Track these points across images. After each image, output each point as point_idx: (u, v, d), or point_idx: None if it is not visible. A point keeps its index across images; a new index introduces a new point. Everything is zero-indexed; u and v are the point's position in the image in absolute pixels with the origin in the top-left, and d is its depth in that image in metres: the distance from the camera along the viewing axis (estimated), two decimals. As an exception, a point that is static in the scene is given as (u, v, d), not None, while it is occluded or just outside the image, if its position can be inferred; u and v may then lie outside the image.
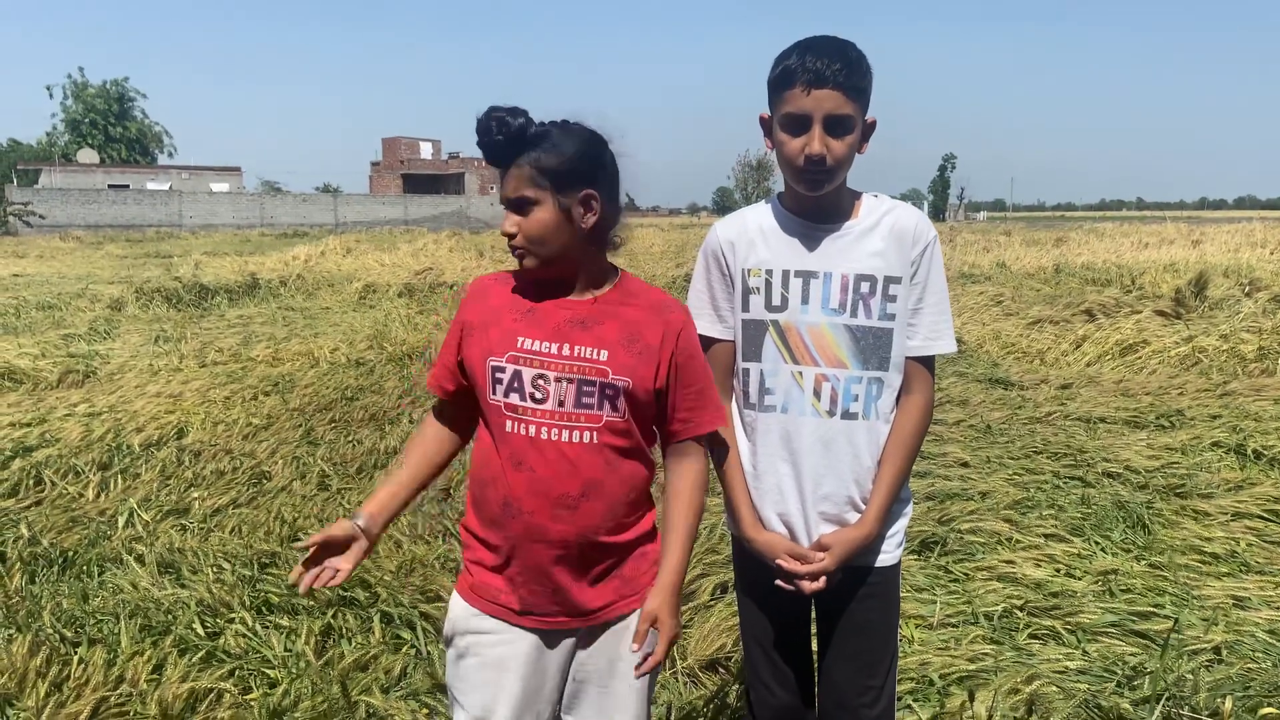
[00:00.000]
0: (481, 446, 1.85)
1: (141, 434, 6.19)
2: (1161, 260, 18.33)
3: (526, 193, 1.75)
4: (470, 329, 1.84)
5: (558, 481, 1.75)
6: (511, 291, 1.85)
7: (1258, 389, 7.50)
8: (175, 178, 63.54)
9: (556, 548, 1.77)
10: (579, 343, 1.76)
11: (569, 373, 1.75)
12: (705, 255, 2.05)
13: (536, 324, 1.78)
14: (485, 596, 1.84)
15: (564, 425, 1.75)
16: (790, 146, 1.84)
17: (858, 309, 1.90)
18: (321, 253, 23.57)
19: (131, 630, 3.44)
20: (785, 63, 1.83)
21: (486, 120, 1.74)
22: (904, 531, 2.03)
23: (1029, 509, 4.78)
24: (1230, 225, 29.57)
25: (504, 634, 1.82)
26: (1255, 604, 3.73)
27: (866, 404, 1.93)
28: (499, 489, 1.78)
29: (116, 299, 13.55)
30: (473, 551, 1.86)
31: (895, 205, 1.97)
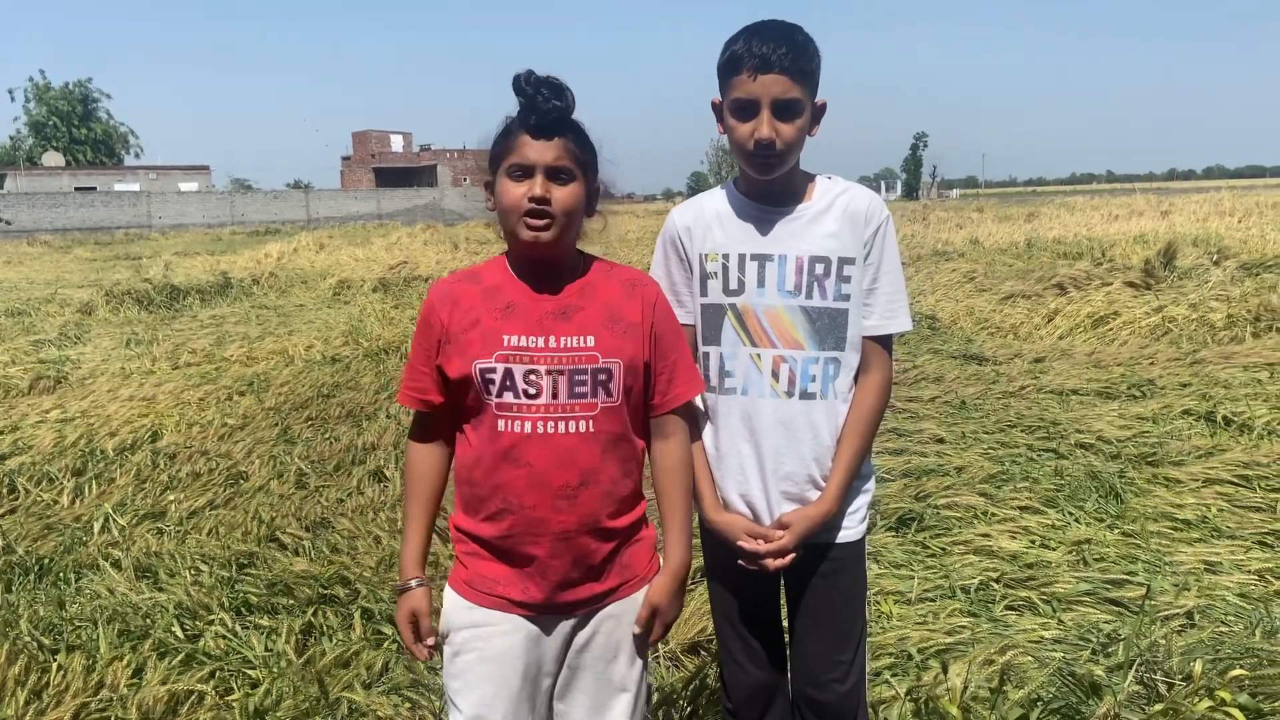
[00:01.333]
0: (468, 448, 1.83)
1: (115, 438, 6.14)
2: (1131, 232, 18.49)
3: (569, 164, 1.76)
4: (449, 336, 1.79)
5: (557, 473, 1.75)
6: (482, 291, 1.81)
7: (1227, 356, 7.60)
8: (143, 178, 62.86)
9: (558, 538, 1.77)
10: (563, 333, 1.76)
11: (559, 364, 1.74)
12: (663, 241, 2.07)
13: (518, 320, 1.77)
14: (483, 589, 1.83)
15: (559, 417, 1.75)
16: (740, 131, 1.87)
17: (813, 290, 1.92)
18: (294, 249, 23.40)
19: (110, 635, 3.42)
20: (733, 48, 1.85)
21: (537, 85, 1.73)
22: (866, 508, 2.05)
23: (1004, 482, 4.83)
24: (1199, 195, 29.87)
25: (502, 625, 1.82)
26: (1226, 568, 3.79)
27: (824, 384, 1.95)
28: (495, 487, 1.77)
29: (86, 303, 13.40)
30: (466, 545, 1.85)
31: (849, 187, 1.99)
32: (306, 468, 5.51)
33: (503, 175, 1.76)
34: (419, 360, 1.84)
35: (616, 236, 24.76)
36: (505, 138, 1.77)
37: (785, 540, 1.93)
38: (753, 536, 1.96)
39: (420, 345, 1.84)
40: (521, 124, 1.75)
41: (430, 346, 1.82)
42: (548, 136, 1.73)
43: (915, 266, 14.36)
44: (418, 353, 1.85)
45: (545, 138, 1.73)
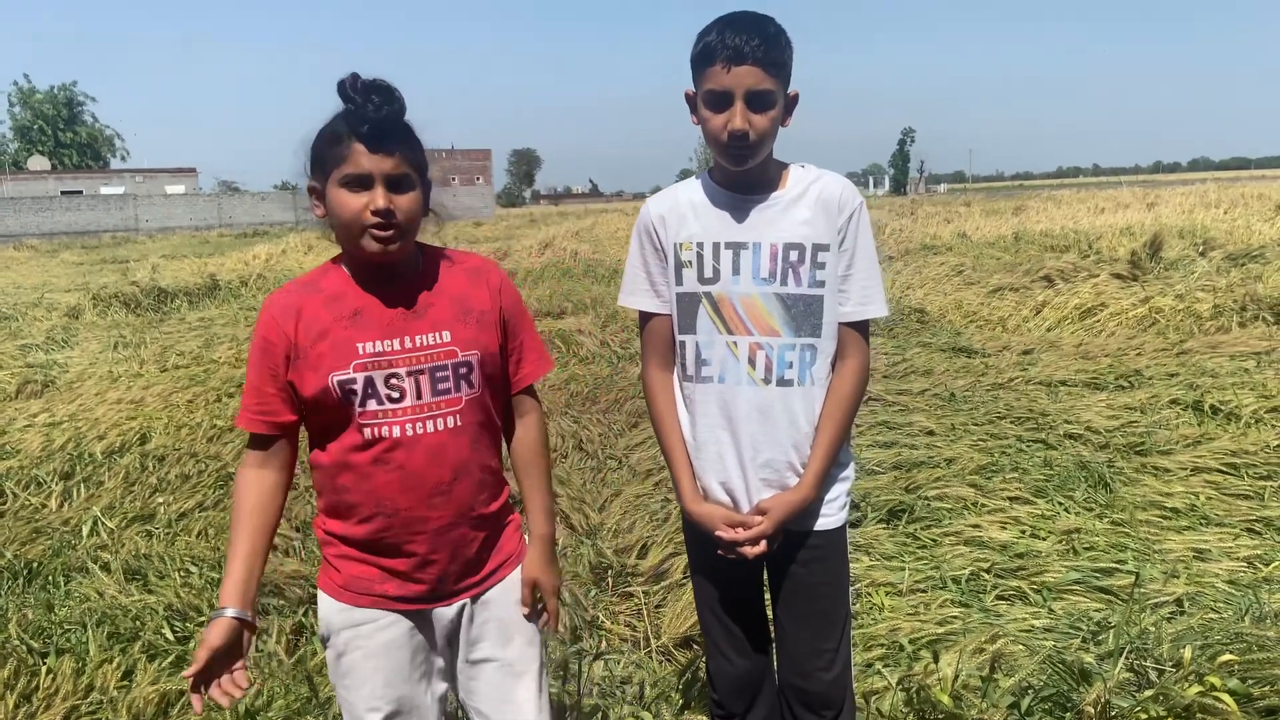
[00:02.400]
0: (328, 459, 1.77)
1: (103, 441, 6.11)
2: (1118, 224, 18.54)
3: (408, 171, 1.71)
4: (299, 351, 1.72)
5: (430, 472, 1.75)
6: (324, 300, 1.75)
7: (1213, 346, 7.64)
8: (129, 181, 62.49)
9: (437, 533, 1.78)
10: (417, 332, 1.75)
11: (418, 364, 1.73)
12: (638, 232, 2.08)
13: (369, 326, 1.73)
14: (358, 590, 1.80)
15: (426, 417, 1.74)
16: (714, 123, 1.88)
17: (787, 277, 1.93)
18: (283, 251, 23.33)
19: (100, 638, 3.41)
20: (706, 39, 1.86)
21: (367, 91, 1.64)
22: (845, 495, 2.05)
23: (994, 473, 4.84)
24: (1184, 187, 29.96)
25: (381, 620, 1.80)
26: (1215, 555, 3.81)
27: (801, 370, 1.96)
28: (366, 493, 1.75)
29: (73, 306, 13.33)
30: (337, 549, 1.82)
31: (822, 174, 2.00)
32: (296, 468, 5.48)
33: (336, 185, 1.68)
34: (262, 380, 1.75)
35: (607, 234, 24.75)
36: (334, 145, 1.68)
37: (763, 526, 1.94)
38: (731, 525, 1.97)
39: (263, 364, 1.74)
40: (353, 132, 1.65)
41: (276, 364, 1.73)
42: (384, 146, 1.66)
43: (904, 260, 14.39)
44: (260, 373, 1.75)
45: (381, 148, 1.66)
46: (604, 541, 4.17)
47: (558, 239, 21.29)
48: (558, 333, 9.29)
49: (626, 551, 4.05)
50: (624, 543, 4.14)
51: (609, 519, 4.47)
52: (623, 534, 4.26)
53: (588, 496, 4.78)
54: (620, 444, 5.79)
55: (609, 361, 8.44)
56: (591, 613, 3.58)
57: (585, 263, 17.52)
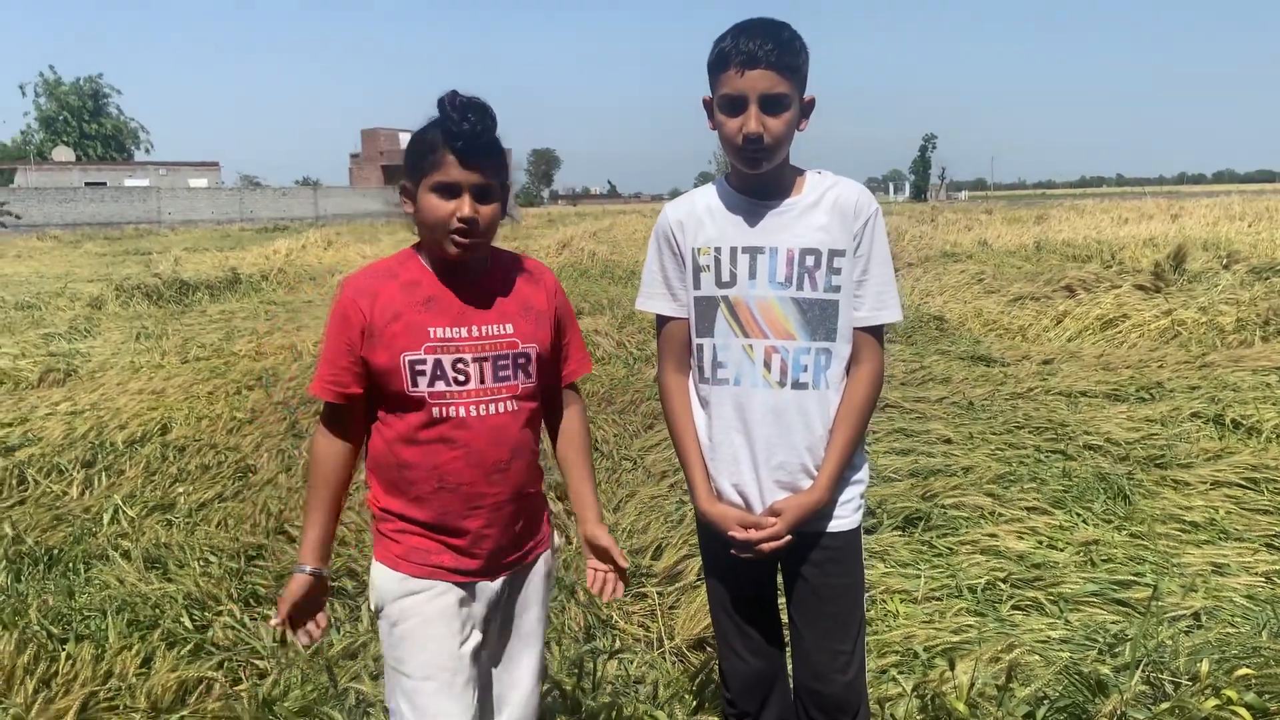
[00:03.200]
0: (389, 436, 1.90)
1: (124, 431, 6.17)
2: (1141, 235, 18.43)
3: (493, 183, 1.85)
4: (373, 329, 1.85)
5: (490, 451, 1.88)
6: (400, 286, 1.89)
7: (1236, 360, 7.57)
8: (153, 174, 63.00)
9: (493, 509, 1.91)
10: (484, 322, 1.89)
11: (483, 351, 1.87)
12: (657, 237, 2.12)
13: (441, 313, 1.87)
14: (416, 560, 1.91)
15: (489, 400, 1.88)
16: (729, 126, 1.91)
17: (803, 282, 1.95)
18: (302, 246, 23.47)
19: (119, 625, 3.44)
20: (720, 46, 1.90)
21: (465, 110, 1.79)
22: (859, 497, 2.07)
23: (1011, 483, 4.82)
24: (1209, 200, 29.78)
25: (436, 588, 1.91)
26: (1233, 570, 3.79)
27: (816, 374, 1.98)
28: (429, 470, 1.87)
29: (96, 297, 13.45)
30: (395, 524, 1.93)
31: (838, 181, 2.02)
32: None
33: (427, 190, 1.82)
34: (337, 354, 1.88)
35: (624, 235, 24.76)
36: (430, 152, 1.82)
37: (777, 527, 1.96)
38: (745, 526, 1.99)
39: (340, 338, 1.87)
40: (448, 145, 1.79)
41: (353, 339, 1.86)
42: (475, 161, 1.80)
43: (924, 267, 14.33)
44: (336, 346, 1.88)
45: (472, 162, 1.80)
46: (619, 542, 4.17)
47: (575, 239, 21.34)
48: (575, 333, 9.29)
49: (641, 552, 4.06)
50: (639, 543, 4.15)
51: (624, 519, 4.48)
52: (637, 535, 4.27)
53: (603, 497, 4.79)
54: (635, 445, 5.80)
55: (625, 363, 8.45)
56: (606, 612, 3.59)
57: (603, 263, 17.56)
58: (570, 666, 3.06)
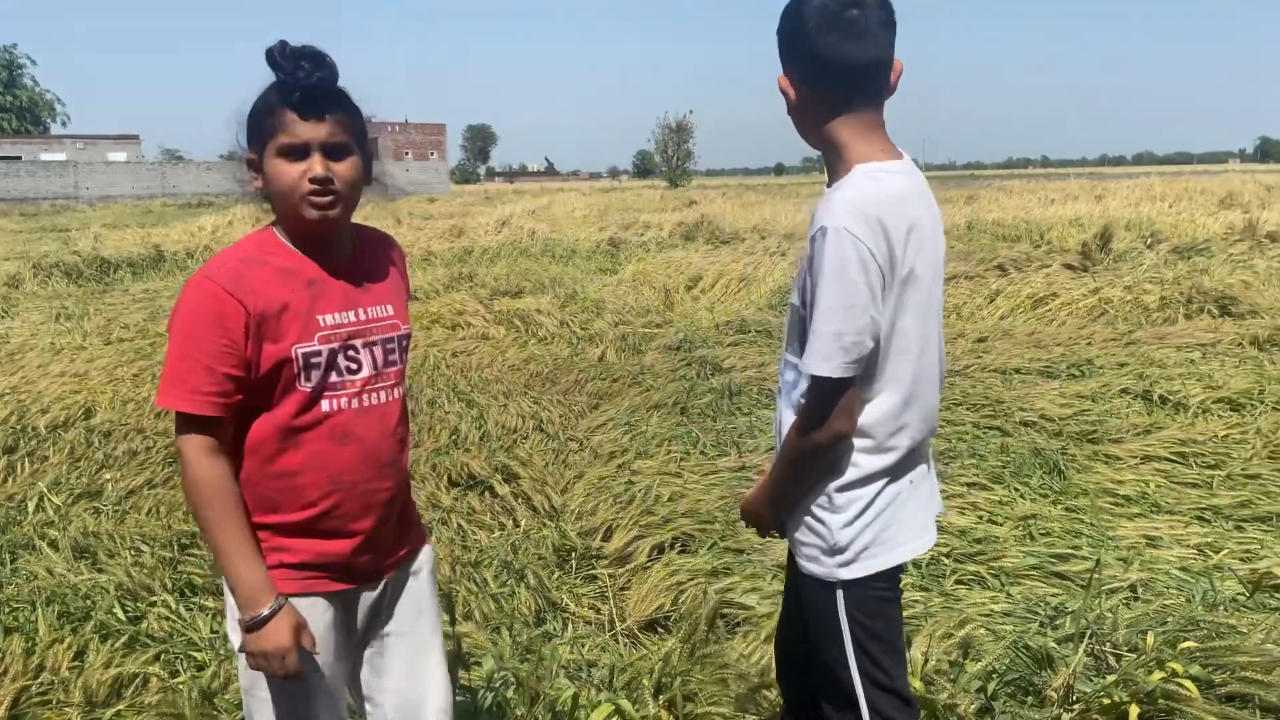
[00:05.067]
0: (266, 445, 1.69)
1: (47, 415, 5.94)
2: (1067, 215, 18.86)
3: (344, 138, 1.68)
4: (261, 321, 1.63)
5: (384, 443, 1.77)
6: (276, 272, 1.68)
7: (1161, 337, 7.81)
8: (70, 148, 60.69)
9: (387, 506, 1.79)
10: (368, 304, 1.77)
11: (370, 335, 1.75)
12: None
13: (327, 297, 1.71)
14: (292, 578, 1.72)
15: (378, 388, 1.77)
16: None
17: (796, 286, 1.80)
18: (229, 222, 22.79)
19: (49, 617, 3.31)
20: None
21: (296, 58, 1.63)
22: (818, 551, 1.81)
23: (952, 459, 4.90)
24: (1130, 181, 30.58)
25: (317, 607, 1.75)
26: (1166, 543, 3.90)
27: (785, 387, 1.86)
28: (321, 471, 1.70)
29: (13, 276, 12.93)
30: (271, 540, 1.72)
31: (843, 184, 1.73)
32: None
33: (272, 155, 1.65)
34: (216, 359, 1.61)
35: (563, 213, 24.61)
36: (267, 115, 1.65)
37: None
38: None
39: (217, 340, 1.61)
40: (285, 101, 1.63)
41: (233, 339, 1.62)
42: (317, 113, 1.63)
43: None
44: (210, 350, 1.61)
45: (315, 114, 1.63)
46: (567, 524, 4.15)
47: (514, 217, 21.09)
48: (516, 312, 9.20)
49: (590, 534, 4.03)
50: (588, 525, 4.12)
51: (572, 501, 4.45)
52: (586, 516, 4.24)
53: (550, 479, 4.75)
54: (581, 425, 5.76)
55: (568, 342, 8.39)
56: (555, 595, 3.56)
57: (543, 241, 17.40)
58: (523, 652, 3.03)
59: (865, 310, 1.64)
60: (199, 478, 1.65)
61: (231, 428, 1.69)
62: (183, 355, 1.63)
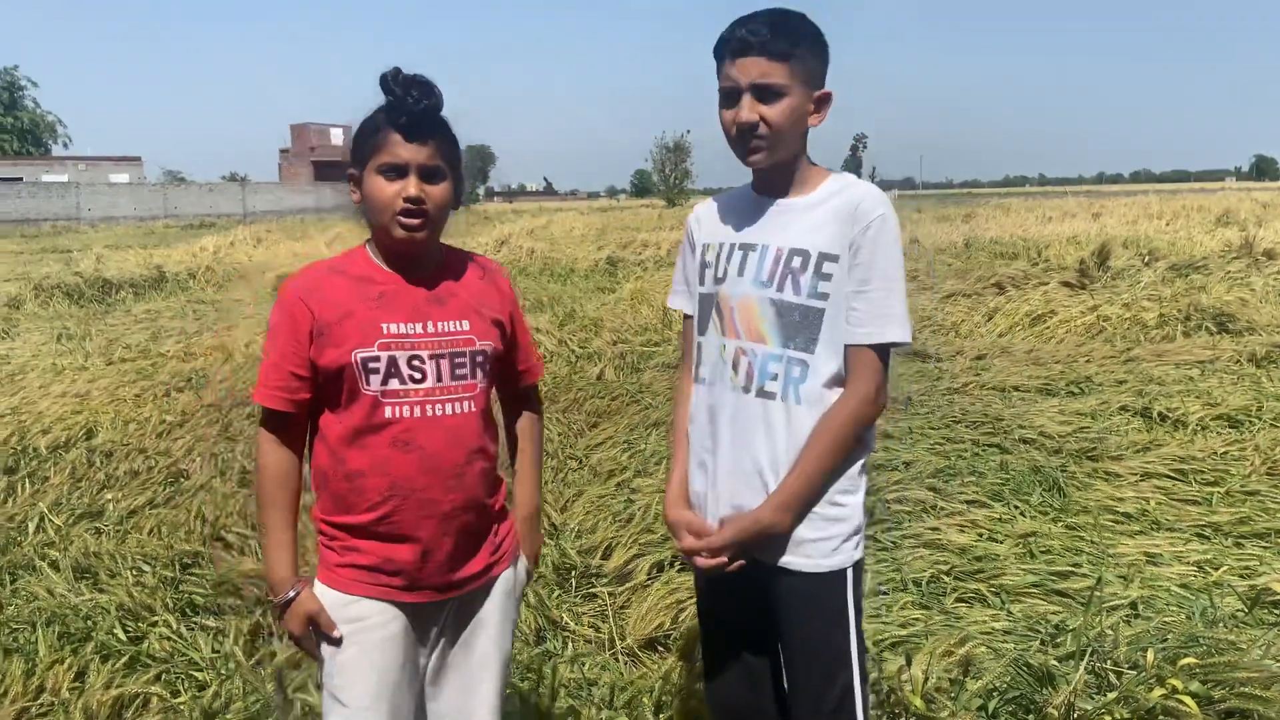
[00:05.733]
0: (336, 444, 1.80)
1: (48, 436, 5.95)
2: (1064, 233, 18.92)
3: (440, 164, 1.79)
4: (322, 328, 1.76)
5: (447, 453, 1.80)
6: (350, 281, 1.81)
7: (1159, 354, 7.83)
8: (72, 169, 60.89)
9: (447, 518, 1.81)
10: (440, 318, 1.82)
11: (439, 349, 1.80)
12: (685, 232, 2.08)
13: (394, 308, 1.80)
14: (364, 580, 1.81)
15: (445, 399, 1.80)
16: (724, 118, 1.85)
17: (785, 284, 1.83)
18: (231, 243, 22.88)
19: (50, 638, 3.31)
20: (721, 35, 1.83)
21: (407, 85, 1.74)
22: (839, 540, 1.85)
23: (951, 476, 4.91)
24: (1128, 199, 30.73)
25: (380, 616, 1.82)
26: (1166, 560, 3.90)
27: (785, 385, 1.84)
28: (383, 476, 1.78)
29: (14, 297, 12.95)
30: (343, 540, 1.82)
31: (853, 184, 1.88)
32: (249, 465, 5.38)
33: (372, 173, 1.77)
34: (285, 358, 1.78)
35: (562, 233, 24.69)
36: (374, 135, 1.76)
37: (715, 539, 1.85)
38: (697, 535, 1.90)
39: (286, 341, 1.78)
40: (392, 123, 1.74)
41: (300, 341, 1.77)
42: (420, 137, 1.75)
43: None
44: (283, 349, 1.78)
45: (417, 138, 1.75)
46: (567, 542, 4.15)
47: (513, 237, 21.18)
48: (515, 331, 9.21)
49: (590, 552, 4.04)
50: (588, 543, 4.12)
51: (571, 519, 4.45)
52: (586, 534, 4.24)
53: (549, 496, 4.75)
54: (580, 444, 5.77)
55: (567, 360, 8.41)
56: (555, 613, 3.56)
57: (542, 261, 17.46)
58: (523, 671, 3.03)
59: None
60: (259, 464, 1.85)
61: (305, 424, 1.85)
62: (265, 352, 1.82)
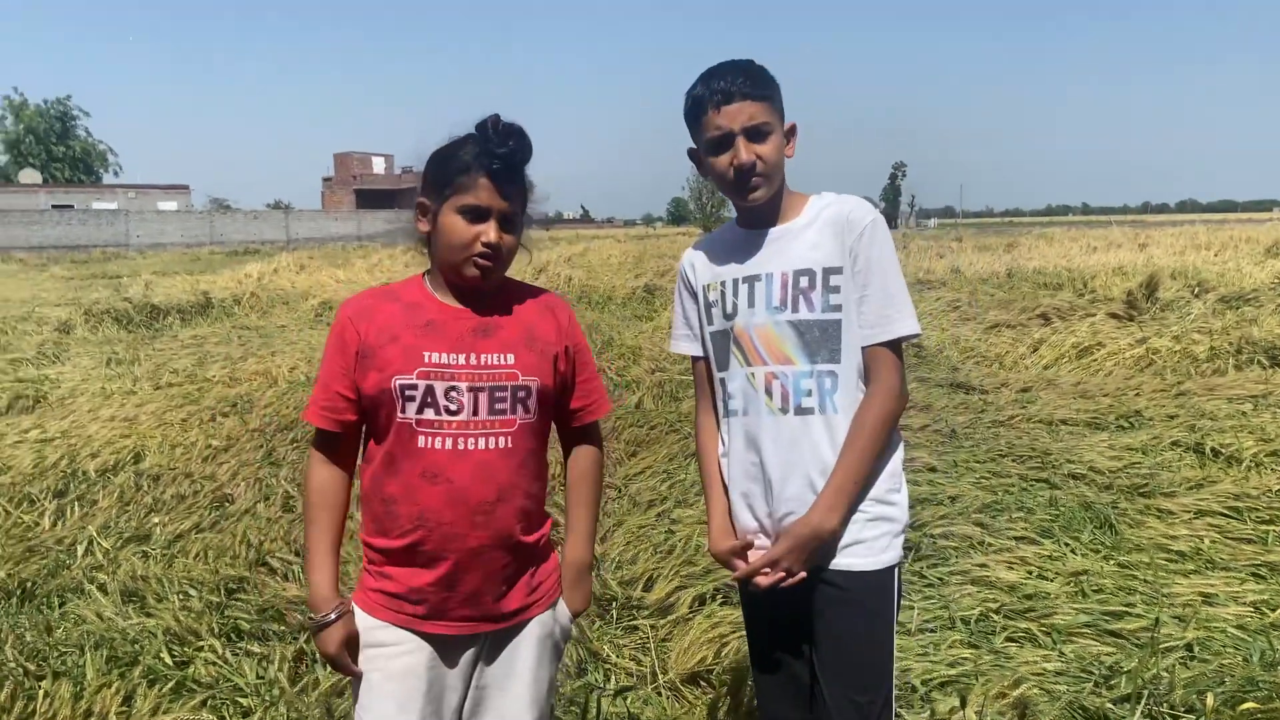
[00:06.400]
0: (375, 468, 1.83)
1: (97, 459, 6.04)
2: (1110, 264, 18.65)
3: (519, 211, 1.83)
4: (368, 351, 1.79)
5: (475, 490, 1.77)
6: (401, 308, 1.83)
7: (1211, 388, 7.66)
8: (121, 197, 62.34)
9: (473, 554, 1.79)
10: (484, 350, 1.80)
11: (479, 381, 1.78)
12: (678, 280, 2.15)
13: (439, 337, 1.80)
14: (390, 607, 1.82)
15: (480, 434, 1.78)
16: (719, 165, 1.94)
17: (799, 304, 1.93)
18: (274, 270, 23.21)
19: (98, 662, 3.34)
20: (693, 94, 1.95)
21: (505, 135, 1.77)
22: (890, 537, 1.93)
23: (998, 512, 4.83)
24: (1174, 229, 30.24)
25: (406, 644, 1.82)
26: (1223, 600, 3.79)
27: (821, 398, 1.92)
28: (411, 504, 1.78)
29: (65, 321, 13.23)
30: (378, 564, 1.85)
31: (838, 199, 2.00)
32: (293, 490, 5.42)
33: (452, 211, 1.78)
34: (333, 378, 1.83)
35: (599, 261, 24.77)
36: (461, 173, 1.77)
37: (772, 552, 1.88)
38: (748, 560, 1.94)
39: (335, 362, 1.83)
40: (483, 168, 1.76)
41: (348, 363, 1.81)
42: (508, 186, 1.78)
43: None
44: (332, 370, 1.83)
45: (505, 187, 1.78)
46: (607, 573, 4.13)
47: (551, 265, 21.29)
48: (555, 359, 9.24)
49: (632, 584, 4.01)
50: (629, 574, 4.09)
51: (612, 549, 4.43)
52: (627, 565, 4.22)
53: (590, 526, 4.73)
54: (619, 473, 5.75)
55: (605, 389, 8.39)
56: (596, 645, 3.53)
57: (579, 289, 17.52)
58: (567, 704, 3.00)
59: None
60: (305, 482, 1.89)
61: (354, 445, 1.89)
62: (319, 372, 1.87)
